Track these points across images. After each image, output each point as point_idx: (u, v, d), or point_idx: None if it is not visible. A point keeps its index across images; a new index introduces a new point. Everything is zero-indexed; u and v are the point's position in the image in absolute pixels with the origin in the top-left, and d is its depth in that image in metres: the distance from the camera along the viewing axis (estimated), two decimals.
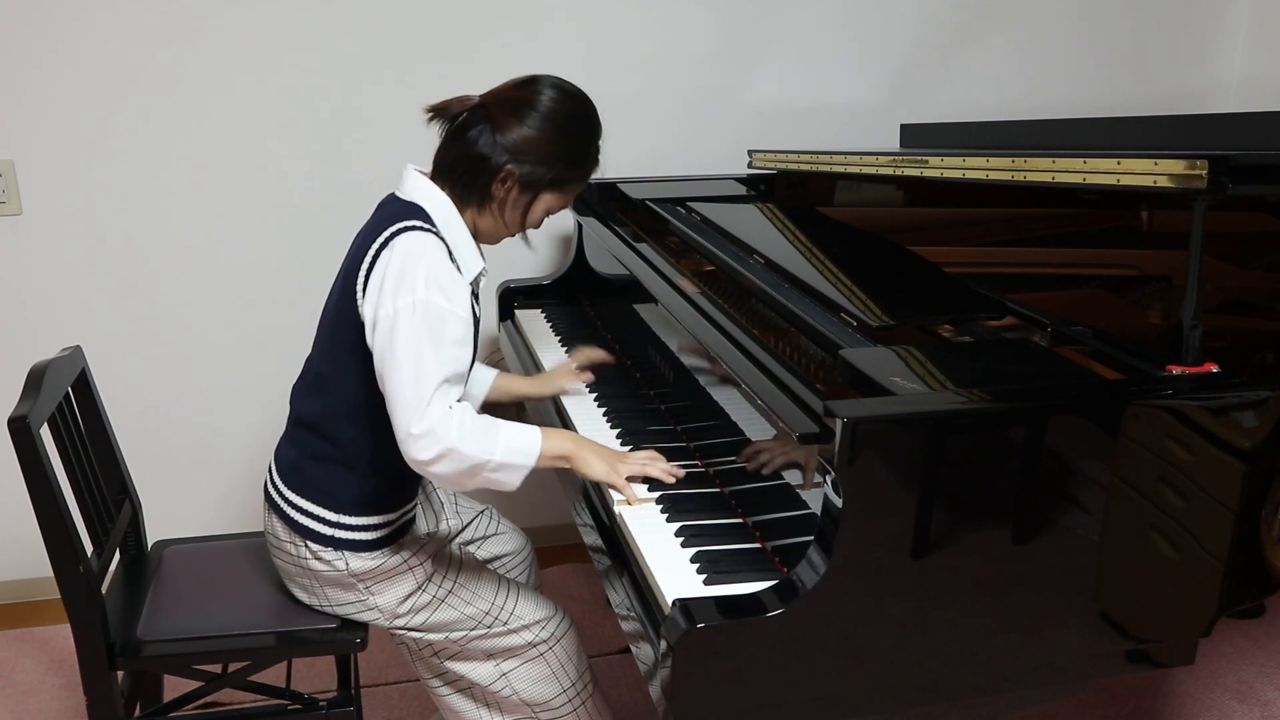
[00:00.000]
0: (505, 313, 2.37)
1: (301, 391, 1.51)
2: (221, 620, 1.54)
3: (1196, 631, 1.24)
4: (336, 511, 1.46)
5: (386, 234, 1.37)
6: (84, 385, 1.65)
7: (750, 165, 2.41)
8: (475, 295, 1.46)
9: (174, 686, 1.63)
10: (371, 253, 1.37)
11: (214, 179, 2.35)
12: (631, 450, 1.48)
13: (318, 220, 2.41)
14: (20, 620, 2.43)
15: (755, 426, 1.37)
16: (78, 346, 1.67)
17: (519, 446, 1.36)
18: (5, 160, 2.24)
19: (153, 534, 1.80)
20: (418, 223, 1.38)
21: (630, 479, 1.40)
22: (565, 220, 2.53)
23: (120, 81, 2.25)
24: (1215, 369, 1.20)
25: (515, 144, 1.39)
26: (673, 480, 1.41)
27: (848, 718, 1.16)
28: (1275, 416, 1.18)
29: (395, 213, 1.40)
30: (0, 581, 2.50)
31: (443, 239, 1.39)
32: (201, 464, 2.52)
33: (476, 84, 1.54)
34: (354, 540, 1.46)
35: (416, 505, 1.57)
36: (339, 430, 1.45)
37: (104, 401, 1.71)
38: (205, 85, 2.29)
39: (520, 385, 1.81)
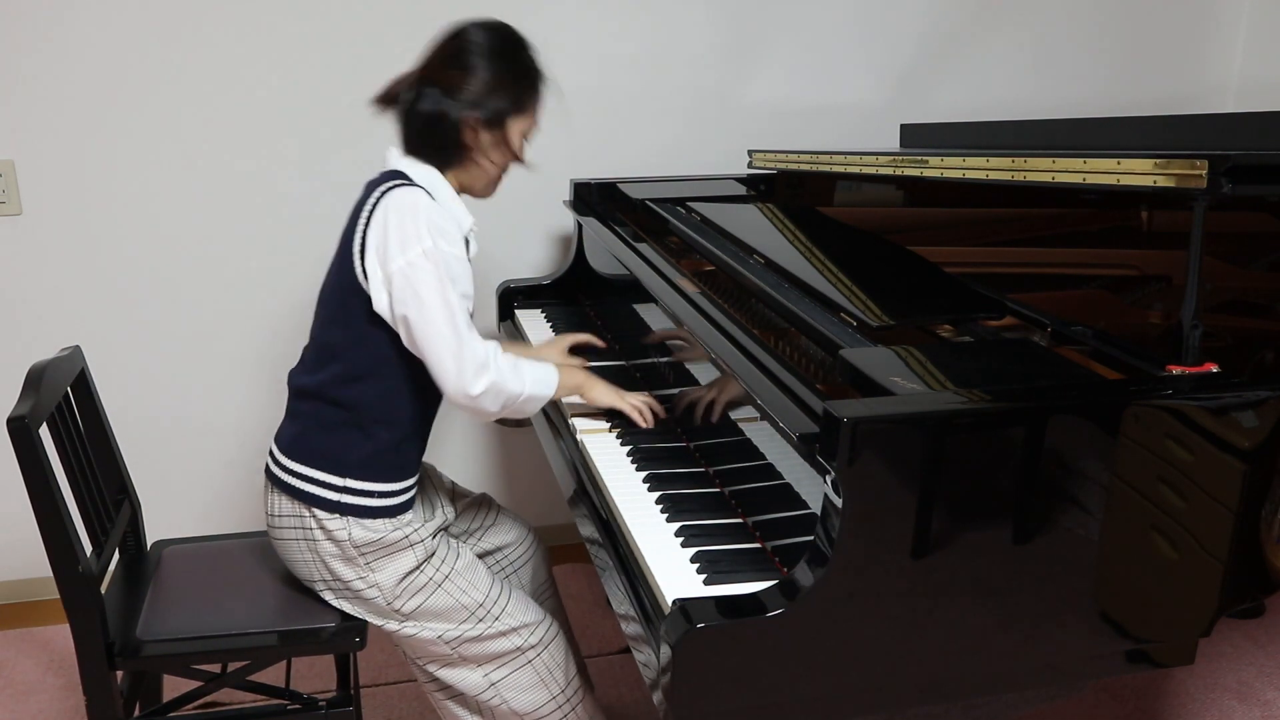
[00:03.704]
0: (505, 313, 2.36)
1: (301, 370, 1.55)
2: (221, 620, 1.54)
3: (1196, 631, 1.24)
4: (343, 476, 1.48)
5: (376, 194, 1.44)
6: (83, 385, 1.65)
7: (750, 165, 2.41)
8: (467, 245, 1.53)
9: (174, 686, 1.63)
10: (365, 214, 1.44)
11: (214, 180, 2.35)
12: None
13: (319, 221, 2.41)
14: (20, 620, 2.43)
15: (755, 426, 1.37)
16: (77, 346, 1.67)
17: (541, 379, 1.53)
18: (5, 160, 2.24)
19: (152, 534, 1.80)
20: (403, 181, 1.46)
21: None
22: (565, 220, 2.53)
23: (120, 82, 2.25)
24: (1215, 369, 1.20)
25: (466, 91, 1.46)
26: (643, 425, 1.60)
27: (848, 718, 1.16)
28: (1275, 416, 1.18)
29: (380, 179, 1.48)
30: (0, 581, 2.50)
31: (430, 195, 1.46)
32: (201, 464, 2.52)
33: None
34: (359, 506, 1.48)
35: (416, 488, 1.57)
36: (346, 392, 1.48)
37: (103, 401, 1.71)
38: (206, 86, 2.29)
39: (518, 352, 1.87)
